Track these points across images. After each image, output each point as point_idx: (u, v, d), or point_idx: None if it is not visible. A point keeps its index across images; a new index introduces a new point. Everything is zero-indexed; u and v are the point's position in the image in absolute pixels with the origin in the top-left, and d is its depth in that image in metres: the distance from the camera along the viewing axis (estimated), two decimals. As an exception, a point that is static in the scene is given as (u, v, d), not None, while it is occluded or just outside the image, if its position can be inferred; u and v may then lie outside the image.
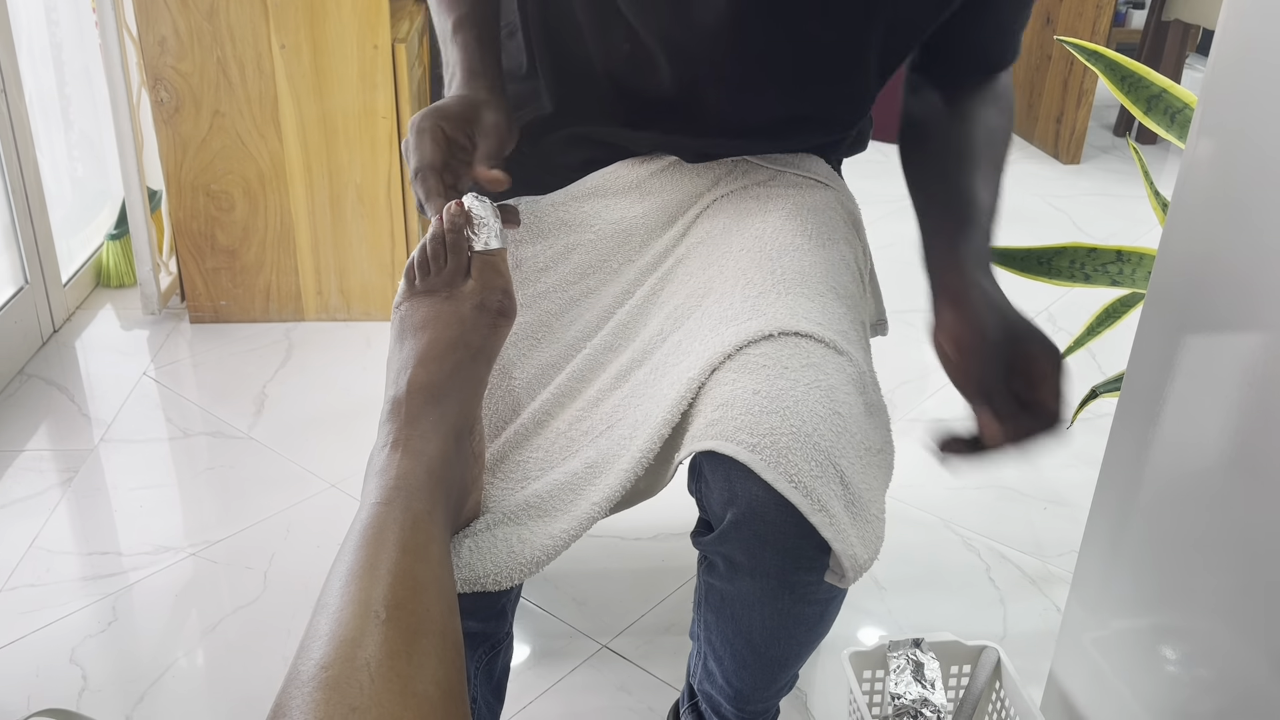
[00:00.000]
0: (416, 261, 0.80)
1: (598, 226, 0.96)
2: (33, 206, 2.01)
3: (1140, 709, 0.99)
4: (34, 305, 2.02)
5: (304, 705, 0.53)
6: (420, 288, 0.79)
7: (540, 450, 0.85)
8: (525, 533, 0.77)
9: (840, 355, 0.81)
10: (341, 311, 2.16)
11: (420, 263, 0.79)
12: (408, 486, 0.67)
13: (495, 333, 0.78)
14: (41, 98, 2.11)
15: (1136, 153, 1.39)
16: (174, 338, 2.09)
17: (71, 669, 1.30)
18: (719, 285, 0.87)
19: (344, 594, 0.59)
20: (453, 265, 0.78)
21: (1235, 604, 0.86)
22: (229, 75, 1.95)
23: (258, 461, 1.70)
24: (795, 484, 0.73)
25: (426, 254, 0.79)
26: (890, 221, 2.78)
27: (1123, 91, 1.35)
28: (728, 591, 0.85)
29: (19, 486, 1.63)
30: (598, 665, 1.32)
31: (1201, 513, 0.89)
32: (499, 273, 0.79)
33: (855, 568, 0.75)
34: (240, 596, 1.42)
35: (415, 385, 0.73)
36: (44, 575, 1.45)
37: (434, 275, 0.78)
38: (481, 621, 0.83)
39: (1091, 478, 1.70)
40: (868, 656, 1.16)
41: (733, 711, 0.99)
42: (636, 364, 0.87)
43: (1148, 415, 0.94)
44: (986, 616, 1.42)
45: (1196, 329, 0.88)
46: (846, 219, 0.99)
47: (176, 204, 2.05)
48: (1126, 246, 1.38)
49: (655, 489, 0.86)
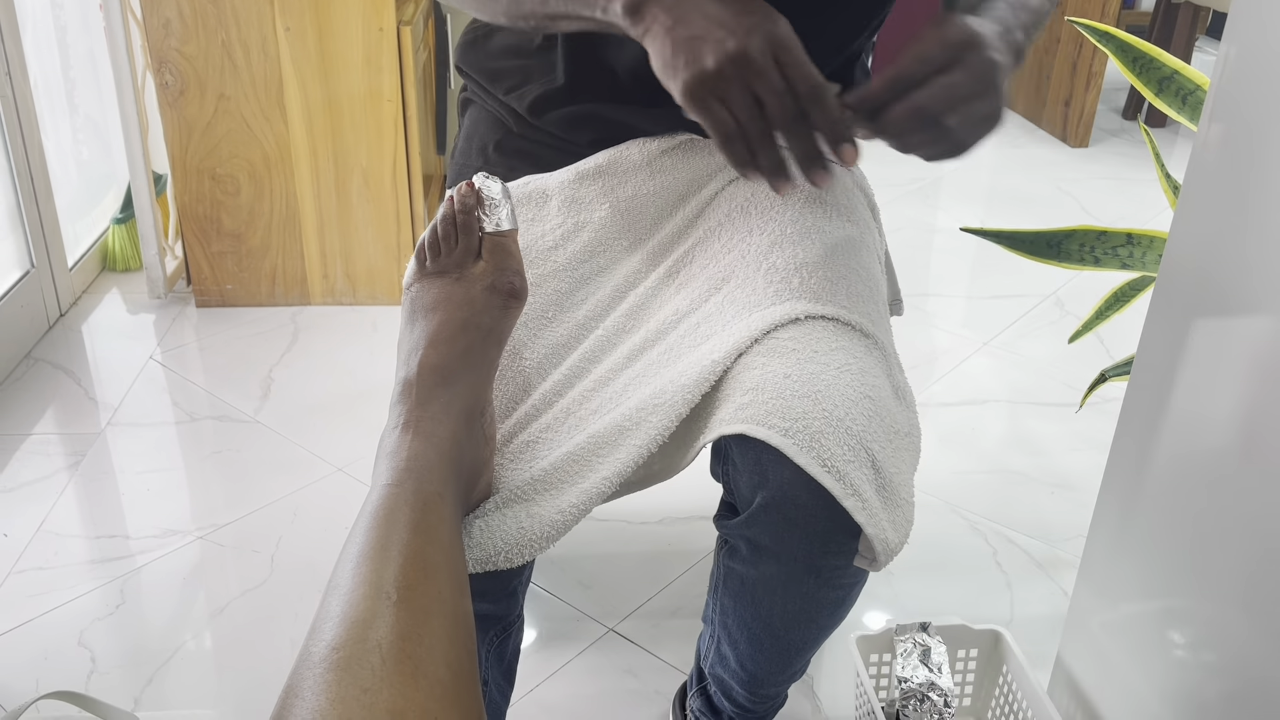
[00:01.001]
0: (427, 242, 0.79)
1: (608, 205, 0.95)
2: (38, 190, 2.00)
3: (1148, 693, 0.99)
4: (40, 289, 2.02)
5: (315, 686, 0.53)
6: (431, 269, 0.78)
7: (549, 429, 0.84)
8: (534, 508, 0.77)
9: (867, 338, 0.81)
10: (347, 295, 2.16)
11: (431, 244, 0.79)
12: (419, 468, 0.67)
13: (507, 314, 0.77)
14: (46, 81, 2.11)
15: (1148, 135, 1.38)
16: (180, 322, 2.09)
17: (80, 651, 1.30)
18: (740, 269, 0.86)
19: (355, 575, 0.59)
20: (463, 246, 0.78)
21: (1243, 588, 0.85)
22: (234, 58, 1.94)
23: (264, 445, 1.71)
24: (828, 468, 0.73)
25: (437, 235, 0.79)
26: (900, 205, 2.77)
27: (1134, 73, 1.34)
28: (749, 576, 0.85)
29: (26, 470, 1.63)
30: (604, 649, 1.33)
31: (1210, 497, 0.89)
32: (510, 254, 0.79)
33: (887, 551, 0.75)
34: (247, 580, 1.42)
35: (426, 367, 0.73)
36: (52, 558, 1.45)
37: (445, 256, 0.78)
38: (492, 603, 0.83)
39: (1099, 462, 1.70)
40: (875, 640, 1.16)
41: (744, 696, 0.99)
42: (650, 344, 0.87)
43: (1157, 399, 0.94)
44: (993, 601, 1.42)
45: (1207, 313, 0.88)
46: (864, 200, 0.98)
47: (182, 188, 2.04)
48: (1137, 229, 1.37)
49: (671, 472, 0.86)
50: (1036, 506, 1.61)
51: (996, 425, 1.82)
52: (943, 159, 0.74)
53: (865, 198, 0.99)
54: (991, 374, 1.98)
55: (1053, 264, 1.40)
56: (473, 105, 1.07)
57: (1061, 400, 1.89)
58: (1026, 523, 1.57)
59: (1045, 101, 3.39)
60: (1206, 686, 0.91)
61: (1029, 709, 1.09)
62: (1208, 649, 0.91)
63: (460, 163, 1.06)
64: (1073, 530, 1.55)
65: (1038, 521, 1.58)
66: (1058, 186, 2.95)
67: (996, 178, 3.02)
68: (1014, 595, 1.43)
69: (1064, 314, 2.20)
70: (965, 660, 1.19)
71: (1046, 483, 1.67)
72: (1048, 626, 1.37)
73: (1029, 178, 3.01)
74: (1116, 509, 1.02)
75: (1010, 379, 1.96)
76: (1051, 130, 3.37)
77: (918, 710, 1.08)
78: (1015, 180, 3.00)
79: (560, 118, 0.97)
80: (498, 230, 0.81)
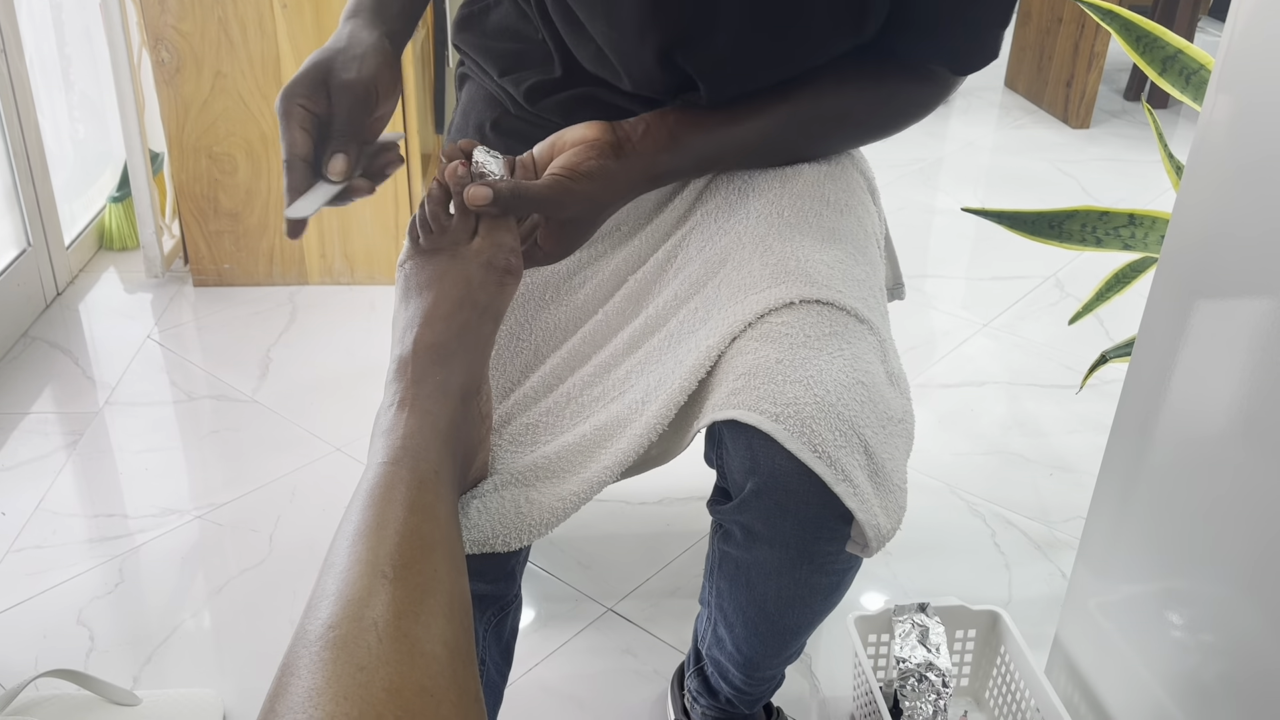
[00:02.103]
0: (419, 220, 0.78)
1: None
2: (34, 168, 1.99)
3: (1146, 673, 0.99)
4: (37, 268, 2.01)
5: (311, 665, 0.53)
6: (425, 245, 0.77)
7: (550, 414, 0.84)
8: (534, 494, 0.77)
9: (862, 323, 0.81)
10: (345, 275, 2.15)
11: (422, 221, 0.78)
12: (415, 446, 0.67)
13: (502, 291, 0.76)
14: (42, 58, 2.09)
15: (1151, 115, 1.38)
16: (177, 301, 2.08)
17: (79, 630, 1.31)
18: (736, 253, 0.85)
19: (351, 553, 0.59)
20: (458, 223, 0.77)
21: (1242, 569, 0.85)
22: (230, 35, 1.92)
23: (263, 425, 1.70)
24: (819, 454, 0.72)
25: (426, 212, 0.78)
26: (899, 186, 2.76)
27: (1137, 52, 1.33)
28: (744, 560, 0.85)
29: (24, 449, 1.63)
30: (603, 628, 1.33)
31: (1210, 478, 0.88)
32: (507, 230, 0.78)
33: (878, 538, 0.75)
34: (246, 559, 1.42)
35: (421, 344, 0.72)
36: (50, 537, 1.45)
37: (439, 233, 0.77)
38: (490, 583, 0.83)
39: (1098, 444, 1.70)
40: (873, 621, 1.16)
41: (740, 678, 1.00)
42: (651, 330, 0.86)
43: (1159, 380, 0.94)
44: (991, 581, 1.42)
45: (1209, 294, 0.87)
46: (864, 184, 0.97)
47: (179, 166, 2.03)
48: (1139, 210, 1.36)
49: (669, 456, 0.86)
50: (1035, 488, 1.61)
51: (996, 407, 1.81)
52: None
53: (865, 181, 0.98)
54: (991, 355, 1.97)
55: (1055, 244, 1.40)
56: (470, 81, 1.06)
57: (1061, 382, 1.89)
58: (1025, 504, 1.57)
59: (1047, 82, 3.37)
60: (1204, 667, 0.91)
61: (1026, 689, 1.10)
62: (1206, 630, 0.91)
63: (457, 139, 1.05)
64: (1071, 511, 1.55)
65: (1036, 503, 1.58)
66: (1058, 168, 2.93)
67: (997, 159, 3.01)
68: (1012, 576, 1.43)
69: (1064, 296, 2.20)
70: (963, 641, 1.19)
71: (1045, 464, 1.66)
72: (1046, 607, 1.37)
73: (1030, 159, 3.00)
74: (1116, 490, 1.02)
75: (1010, 360, 1.96)
76: (1053, 111, 3.36)
77: (916, 690, 1.08)
78: (1016, 161, 2.98)
79: (558, 104, 0.96)
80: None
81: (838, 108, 0.89)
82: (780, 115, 0.87)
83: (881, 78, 0.89)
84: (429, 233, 0.77)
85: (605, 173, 0.80)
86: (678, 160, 0.85)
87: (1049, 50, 3.34)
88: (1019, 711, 1.11)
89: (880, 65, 0.89)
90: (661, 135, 0.84)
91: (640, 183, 0.83)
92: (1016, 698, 1.12)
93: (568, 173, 0.79)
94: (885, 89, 0.90)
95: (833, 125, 0.90)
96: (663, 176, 0.85)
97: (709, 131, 0.85)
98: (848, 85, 0.88)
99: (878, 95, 0.90)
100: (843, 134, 0.92)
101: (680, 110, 0.86)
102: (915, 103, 0.92)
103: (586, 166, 0.80)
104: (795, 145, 0.90)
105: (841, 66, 0.87)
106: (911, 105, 0.92)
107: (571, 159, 0.80)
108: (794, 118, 0.88)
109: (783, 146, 0.89)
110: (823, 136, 0.91)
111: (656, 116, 0.85)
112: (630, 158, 0.82)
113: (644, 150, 0.83)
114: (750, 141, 0.87)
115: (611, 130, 0.83)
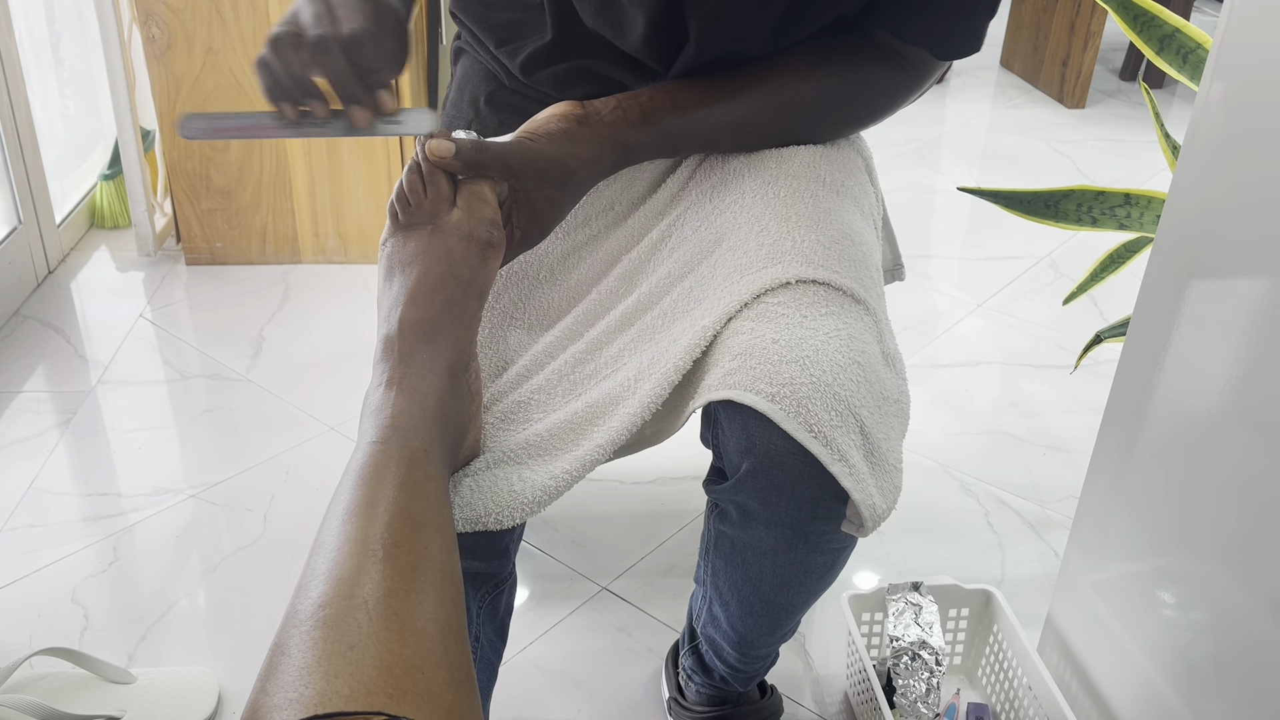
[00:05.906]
0: (397, 196, 0.78)
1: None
2: (25, 145, 1.98)
3: (1137, 652, 0.99)
4: (28, 246, 2.00)
5: (302, 644, 0.53)
6: (404, 222, 0.77)
7: (542, 391, 0.84)
8: (526, 472, 0.77)
9: (858, 303, 0.80)
10: (339, 254, 2.14)
11: (400, 197, 0.77)
12: (404, 425, 0.66)
13: (485, 264, 0.76)
14: (31, 34, 2.07)
15: (1148, 94, 1.37)
16: (170, 279, 2.08)
17: (73, 608, 1.31)
18: (732, 233, 0.85)
19: (341, 533, 0.59)
20: (434, 196, 0.76)
21: (1234, 549, 0.86)
22: (221, 10, 1.91)
23: (256, 404, 1.70)
24: (815, 434, 0.72)
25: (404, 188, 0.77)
26: (895, 165, 2.75)
27: (1135, 30, 1.33)
28: (739, 539, 0.85)
29: (17, 427, 1.62)
30: (598, 607, 1.33)
31: (1203, 458, 0.88)
32: (486, 201, 0.77)
33: (874, 517, 0.75)
34: (240, 538, 1.42)
35: (407, 323, 0.72)
36: (43, 516, 1.45)
37: (416, 208, 0.76)
38: (484, 561, 0.83)
39: (1090, 424, 1.70)
40: (867, 599, 1.17)
41: (735, 656, 1.00)
42: (644, 308, 0.86)
43: (1153, 360, 0.94)
44: (985, 561, 1.43)
45: (1205, 274, 0.87)
46: (861, 164, 0.97)
47: (170, 144, 2.02)
48: (1135, 190, 1.36)
49: (664, 435, 0.85)
50: (1029, 467, 1.61)
51: (990, 387, 1.81)
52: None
53: (863, 161, 0.98)
54: (985, 336, 1.97)
55: (1050, 224, 1.39)
56: (465, 55, 1.05)
57: (1055, 362, 1.89)
58: (1019, 484, 1.58)
59: (1043, 61, 3.36)
60: (1196, 646, 0.92)
61: (1019, 668, 1.10)
62: (1198, 609, 0.91)
63: (451, 114, 1.05)
64: (1064, 491, 1.56)
65: (1030, 482, 1.58)
66: (1053, 148, 2.93)
67: (992, 138, 3.00)
68: (1005, 555, 1.44)
69: (1058, 276, 2.20)
70: (956, 619, 1.20)
71: (1039, 444, 1.67)
72: (1038, 586, 1.38)
73: (1025, 138, 2.99)
74: (1110, 470, 1.02)
75: (1004, 341, 1.96)
76: (1048, 91, 3.34)
77: (909, 668, 1.08)
78: (1011, 141, 2.97)
79: (552, 75, 0.95)
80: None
81: (813, 92, 0.89)
82: (755, 98, 0.88)
83: (857, 64, 0.90)
84: (407, 207, 0.77)
85: (568, 135, 0.82)
86: (647, 136, 0.85)
87: (1045, 29, 3.33)
88: (1011, 689, 1.12)
89: (858, 51, 0.89)
90: (632, 111, 0.85)
91: (608, 154, 0.84)
92: (1009, 676, 1.12)
93: (529, 133, 0.82)
94: (860, 75, 0.90)
95: (807, 110, 0.90)
96: (631, 150, 0.85)
97: (683, 111, 0.86)
98: (822, 70, 0.89)
99: (853, 81, 0.90)
100: (817, 119, 0.92)
101: (655, 89, 0.87)
102: (890, 90, 0.92)
103: (548, 127, 0.82)
104: (769, 128, 0.90)
105: (818, 51, 0.88)
106: (886, 93, 0.92)
107: (534, 122, 0.83)
108: (768, 100, 0.88)
109: (757, 130, 0.90)
110: (797, 121, 0.91)
111: (629, 95, 0.86)
112: (596, 127, 0.83)
113: (612, 123, 0.84)
114: (724, 122, 0.88)
115: (580, 106, 0.85)
